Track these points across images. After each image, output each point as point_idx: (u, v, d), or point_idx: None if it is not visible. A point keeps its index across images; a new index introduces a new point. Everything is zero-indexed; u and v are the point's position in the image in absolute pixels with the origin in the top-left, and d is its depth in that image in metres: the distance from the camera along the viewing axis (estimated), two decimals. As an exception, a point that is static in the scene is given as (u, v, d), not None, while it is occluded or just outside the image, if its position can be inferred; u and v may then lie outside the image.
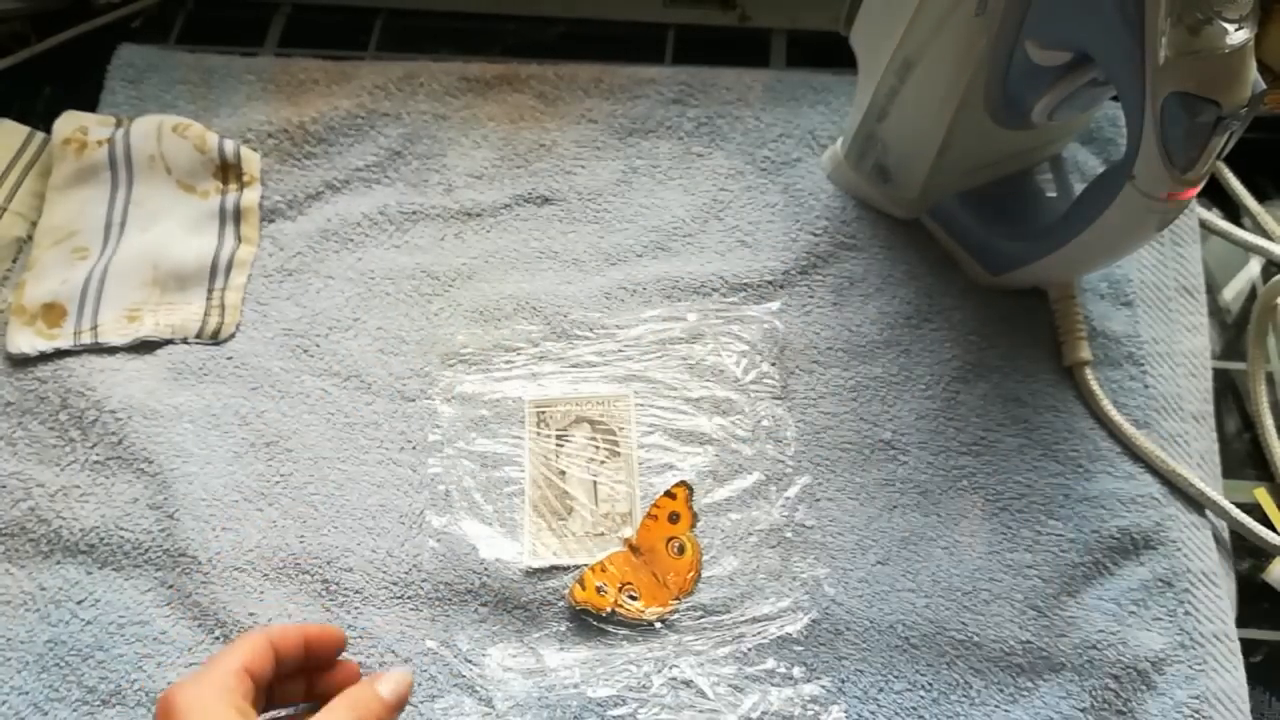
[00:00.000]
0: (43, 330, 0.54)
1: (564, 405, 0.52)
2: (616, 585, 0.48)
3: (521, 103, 0.63)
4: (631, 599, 0.48)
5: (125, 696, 0.46)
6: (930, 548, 0.50)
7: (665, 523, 0.50)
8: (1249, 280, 0.59)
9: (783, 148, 0.61)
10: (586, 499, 0.50)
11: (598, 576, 0.48)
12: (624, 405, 0.52)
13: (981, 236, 0.55)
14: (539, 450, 0.51)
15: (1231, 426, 0.55)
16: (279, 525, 0.50)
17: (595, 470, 0.51)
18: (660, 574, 0.49)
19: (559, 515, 0.50)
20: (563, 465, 0.51)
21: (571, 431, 0.52)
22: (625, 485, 0.51)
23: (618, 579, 0.48)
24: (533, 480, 0.51)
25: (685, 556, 0.49)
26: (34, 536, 0.49)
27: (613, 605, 0.47)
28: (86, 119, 0.59)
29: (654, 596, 0.48)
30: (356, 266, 0.57)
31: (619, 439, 0.52)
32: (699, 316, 0.55)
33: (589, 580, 0.48)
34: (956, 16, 0.47)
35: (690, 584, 0.48)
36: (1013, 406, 0.53)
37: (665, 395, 0.53)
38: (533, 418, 0.52)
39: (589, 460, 0.51)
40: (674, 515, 0.50)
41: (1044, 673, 0.47)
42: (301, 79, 0.63)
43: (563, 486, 0.51)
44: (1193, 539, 0.50)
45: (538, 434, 0.52)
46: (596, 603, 0.48)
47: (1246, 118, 0.42)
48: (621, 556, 0.49)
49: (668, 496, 0.50)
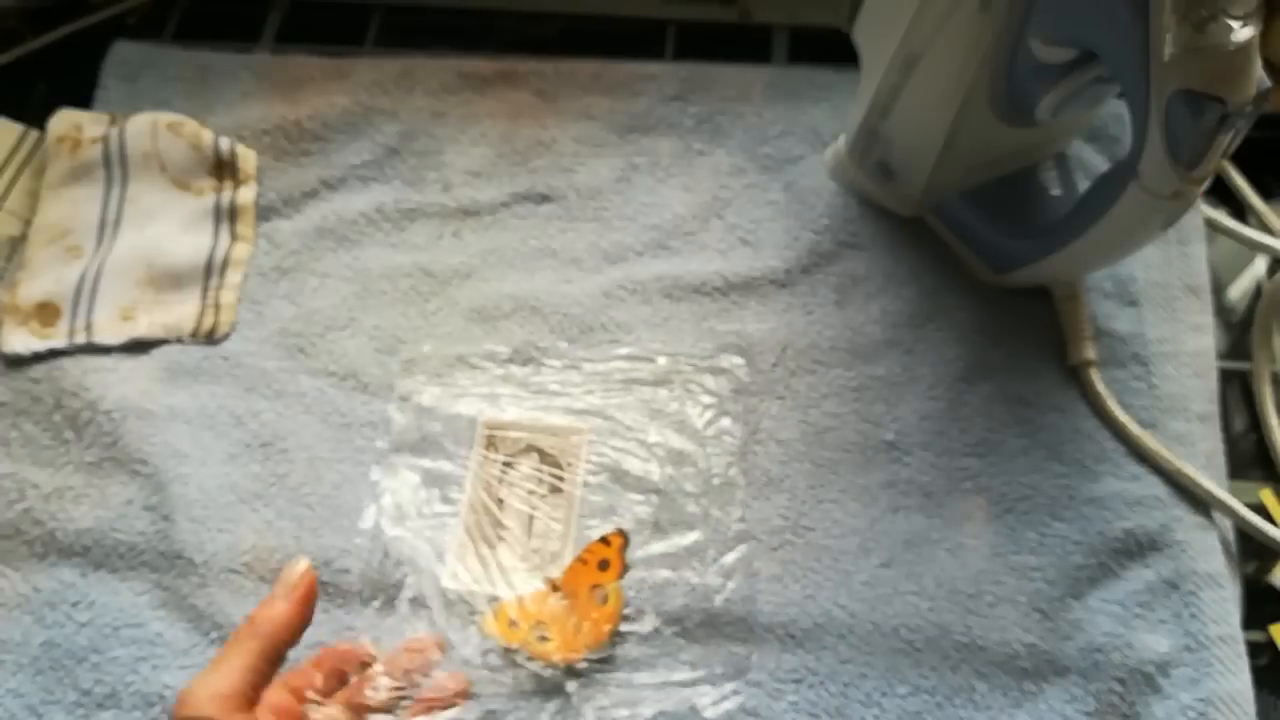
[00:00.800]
0: (37, 330, 0.54)
1: (516, 431, 0.51)
2: (530, 624, 0.46)
3: (520, 100, 0.62)
4: (543, 639, 0.46)
5: (120, 699, 0.46)
6: (934, 550, 0.49)
7: (594, 568, 0.48)
8: (1254, 279, 0.59)
9: (784, 145, 0.61)
10: (520, 531, 0.49)
11: (513, 611, 0.46)
12: (576, 441, 0.51)
13: (985, 235, 0.55)
14: (483, 474, 0.50)
15: (1237, 427, 0.55)
16: (275, 526, 0.49)
17: (534, 503, 0.50)
18: (578, 621, 0.46)
19: (489, 543, 0.49)
20: (502, 493, 0.50)
21: (519, 459, 0.51)
22: (561, 524, 0.49)
23: (533, 618, 0.46)
24: (469, 504, 0.49)
25: (606, 607, 0.46)
26: (29, 538, 0.49)
27: (522, 643, 0.45)
28: (81, 117, 0.59)
29: (567, 643, 0.46)
30: (353, 265, 0.57)
31: (564, 474, 0.50)
32: (669, 361, 0.53)
33: (503, 613, 0.46)
34: (960, 12, 0.47)
35: (605, 636, 0.46)
36: (1017, 407, 0.53)
37: (621, 436, 0.51)
38: (483, 440, 0.51)
39: (530, 492, 0.50)
40: (604, 562, 0.48)
41: (1049, 676, 0.47)
42: (298, 76, 0.62)
43: (498, 515, 0.49)
44: (1198, 541, 0.50)
45: (485, 457, 0.51)
46: (507, 636, 0.46)
47: (1252, 115, 0.42)
48: (541, 595, 0.47)
49: (602, 542, 0.48)
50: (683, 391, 0.52)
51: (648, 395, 0.53)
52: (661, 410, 0.52)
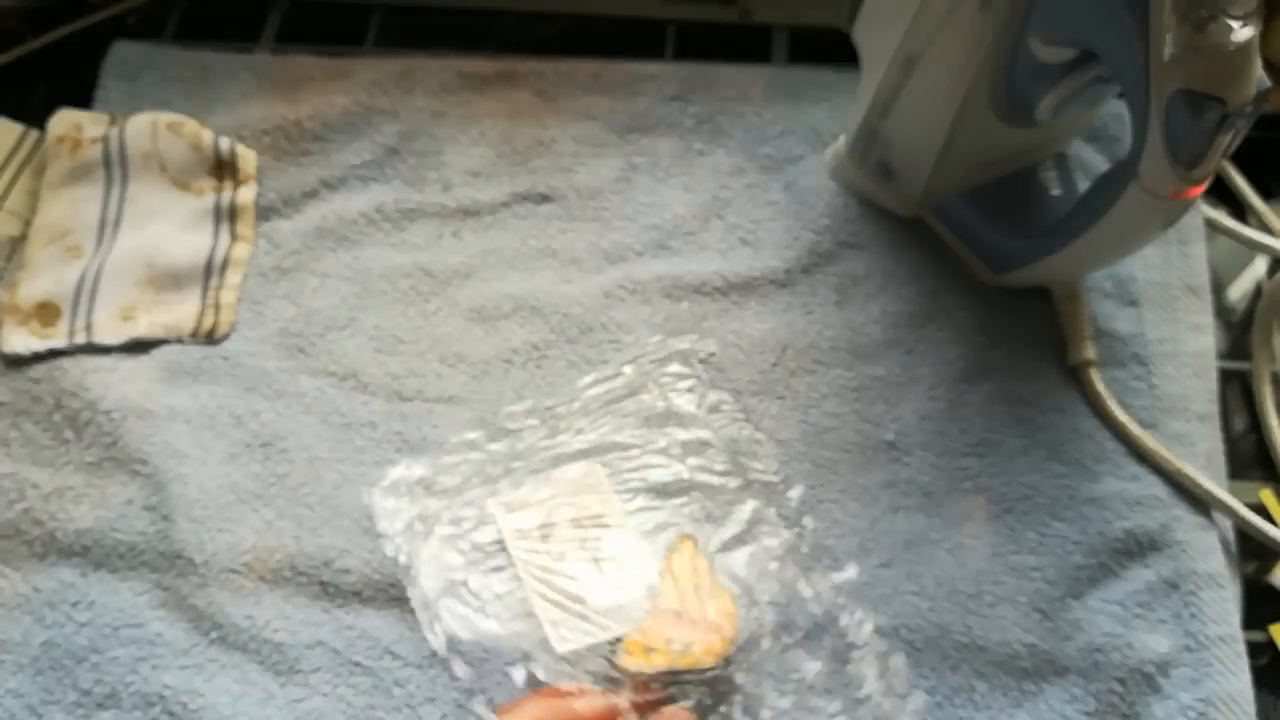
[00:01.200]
0: (37, 330, 0.54)
1: (534, 498, 0.49)
2: (664, 643, 0.45)
3: (520, 100, 0.62)
4: (685, 650, 0.45)
5: (121, 699, 0.46)
6: (934, 550, 0.49)
7: (684, 575, 0.47)
8: (1254, 279, 0.59)
9: (785, 145, 0.61)
10: (595, 575, 0.47)
11: (642, 639, 0.46)
12: (596, 478, 0.50)
13: (985, 235, 0.55)
14: (524, 550, 0.48)
15: (1237, 427, 0.55)
16: (275, 526, 0.49)
17: (593, 549, 0.48)
18: (700, 623, 0.46)
19: (574, 598, 0.47)
20: (557, 553, 0.48)
21: (554, 519, 0.49)
22: (631, 556, 0.48)
23: (663, 638, 0.46)
24: (534, 577, 0.47)
25: (718, 599, 0.47)
26: (28, 538, 0.49)
27: (670, 662, 0.45)
28: (81, 117, 0.59)
29: (709, 642, 0.45)
30: (353, 265, 0.57)
31: (605, 514, 0.49)
32: (634, 368, 0.53)
33: (634, 646, 0.45)
34: (960, 12, 0.47)
35: (736, 620, 0.46)
36: (1017, 407, 0.53)
37: (631, 456, 0.51)
38: (506, 519, 0.49)
39: (582, 542, 0.48)
40: (691, 569, 0.47)
41: (1049, 676, 0.47)
42: (298, 76, 0.62)
43: (567, 572, 0.47)
44: (1198, 541, 0.49)
45: (519, 533, 0.49)
46: (652, 662, 0.45)
47: (1252, 115, 0.42)
48: (654, 620, 0.46)
49: (674, 554, 0.48)
50: (658, 389, 0.52)
51: (631, 408, 0.52)
52: (652, 413, 0.52)
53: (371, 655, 0.47)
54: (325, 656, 0.47)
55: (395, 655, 0.47)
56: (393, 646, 0.47)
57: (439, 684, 0.46)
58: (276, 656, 0.46)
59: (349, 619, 0.47)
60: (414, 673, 0.46)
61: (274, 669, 0.46)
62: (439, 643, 0.46)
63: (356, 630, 0.47)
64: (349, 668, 0.46)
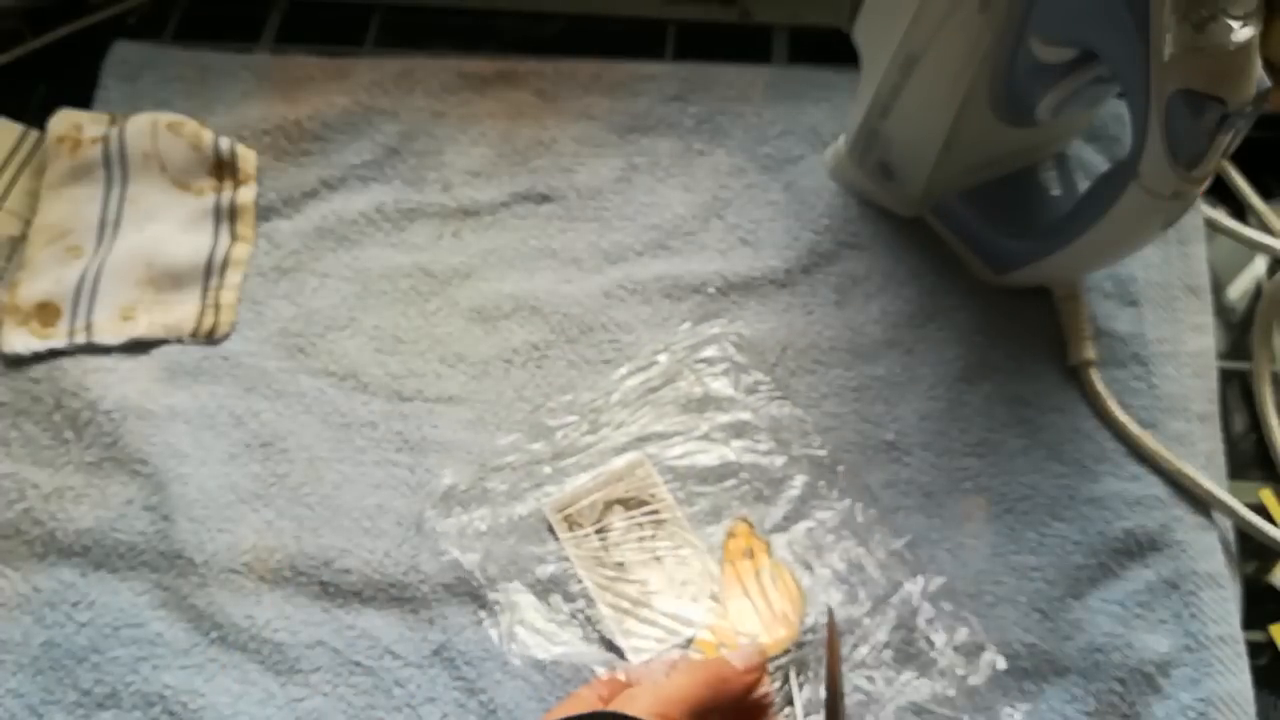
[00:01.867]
0: (37, 330, 0.53)
1: (586, 498, 0.50)
2: (734, 639, 0.46)
3: (520, 100, 0.62)
4: (759, 640, 0.46)
5: (121, 699, 0.46)
6: (934, 550, 0.49)
7: (744, 561, 0.48)
8: (1254, 279, 0.59)
9: (785, 145, 0.60)
10: (660, 577, 0.48)
11: (714, 637, 0.46)
12: (644, 470, 0.50)
13: (985, 235, 0.55)
14: (585, 554, 0.48)
15: (1237, 427, 0.55)
16: (275, 526, 0.49)
17: (652, 548, 0.48)
18: (770, 606, 0.47)
19: (641, 603, 0.47)
20: (617, 557, 0.48)
21: (607, 519, 0.49)
22: (689, 547, 0.48)
23: (731, 635, 0.46)
24: (597, 586, 0.48)
25: (781, 581, 0.47)
26: (29, 538, 0.49)
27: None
28: (81, 117, 0.59)
29: (778, 630, 0.46)
30: (353, 265, 0.57)
31: (657, 506, 0.49)
32: (668, 356, 0.53)
33: (707, 646, 0.46)
34: (960, 12, 0.47)
35: (801, 598, 0.47)
36: (1017, 407, 0.53)
37: (675, 444, 0.51)
38: (562, 525, 0.49)
39: (640, 540, 0.48)
40: (748, 551, 0.48)
41: (1049, 676, 0.47)
42: (298, 76, 0.62)
43: (629, 578, 0.48)
44: (1199, 541, 0.49)
45: (574, 537, 0.49)
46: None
47: (1252, 115, 0.42)
48: (722, 617, 0.47)
49: (731, 538, 0.48)
50: (693, 374, 0.52)
51: (669, 396, 0.52)
52: (689, 400, 0.52)
53: (371, 655, 0.47)
54: (325, 656, 0.47)
55: (395, 655, 0.47)
56: (393, 646, 0.47)
57: (439, 684, 0.46)
58: (277, 656, 0.47)
59: (349, 619, 0.47)
60: (414, 673, 0.46)
61: (274, 669, 0.46)
62: (516, 664, 0.46)
63: (357, 630, 0.47)
64: (349, 667, 0.46)
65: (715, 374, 0.53)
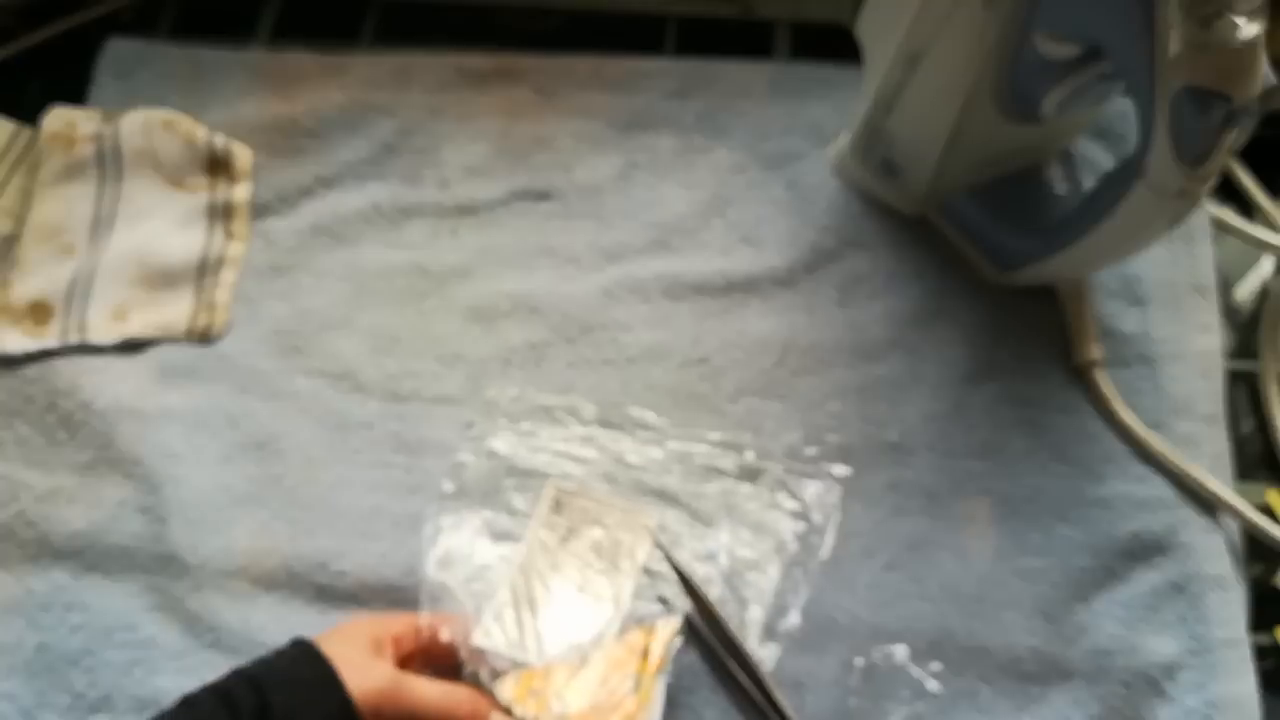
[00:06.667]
0: (30, 330, 0.53)
1: (585, 501, 0.49)
2: (553, 696, 0.43)
3: (518, 96, 0.62)
4: (561, 717, 0.43)
5: (114, 702, 0.45)
6: (938, 552, 0.49)
7: (634, 654, 0.44)
8: (1261, 278, 0.59)
9: (787, 142, 0.60)
10: (566, 603, 0.47)
11: (536, 680, 0.44)
12: (643, 526, 0.49)
13: (990, 233, 0.55)
14: (542, 537, 0.48)
15: (1244, 427, 0.54)
16: (270, 528, 0.49)
17: (589, 577, 0.47)
18: (601, 705, 0.43)
19: (531, 607, 0.46)
20: (559, 559, 0.48)
21: (582, 529, 0.48)
22: (611, 604, 0.47)
23: (556, 691, 0.43)
24: (521, 566, 0.47)
25: (636, 695, 0.43)
26: (22, 540, 0.49)
27: (536, 715, 0.43)
28: (75, 115, 0.58)
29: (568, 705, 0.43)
30: (349, 263, 0.56)
31: (623, 557, 0.48)
32: (756, 455, 0.50)
33: (526, 680, 0.44)
34: (965, 8, 0.47)
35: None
36: (1022, 407, 0.52)
37: (691, 528, 0.49)
38: (550, 502, 0.49)
39: (586, 565, 0.48)
40: (646, 650, 0.44)
41: (1054, 680, 0.46)
42: (293, 72, 0.62)
43: (548, 581, 0.47)
44: (1205, 543, 0.49)
45: (549, 520, 0.48)
46: (523, 704, 0.43)
47: (1258, 112, 0.41)
48: (571, 669, 0.44)
49: (647, 630, 0.45)
50: (769, 496, 0.49)
51: (728, 487, 0.50)
52: (738, 508, 0.49)
53: (368, 658, 0.46)
54: (321, 660, 0.46)
55: (393, 658, 0.46)
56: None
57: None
58: (271, 660, 0.46)
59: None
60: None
61: (269, 673, 0.46)
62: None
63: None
64: (345, 672, 0.46)
65: (784, 510, 0.49)
